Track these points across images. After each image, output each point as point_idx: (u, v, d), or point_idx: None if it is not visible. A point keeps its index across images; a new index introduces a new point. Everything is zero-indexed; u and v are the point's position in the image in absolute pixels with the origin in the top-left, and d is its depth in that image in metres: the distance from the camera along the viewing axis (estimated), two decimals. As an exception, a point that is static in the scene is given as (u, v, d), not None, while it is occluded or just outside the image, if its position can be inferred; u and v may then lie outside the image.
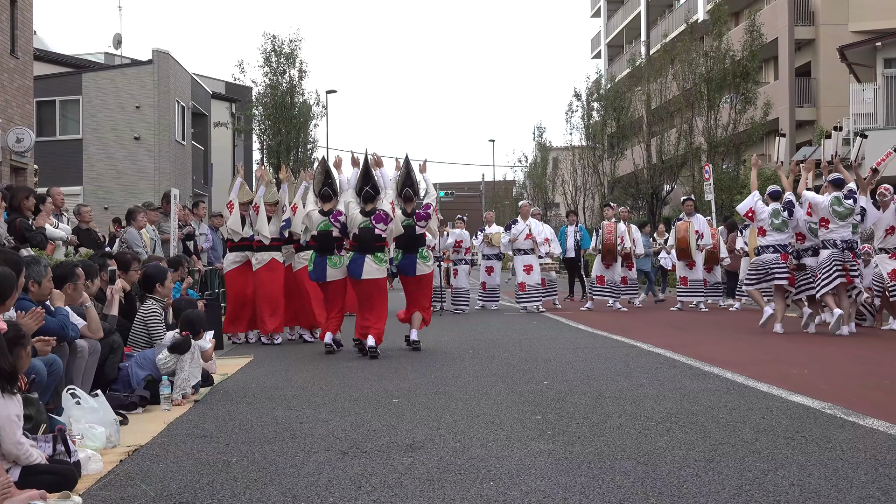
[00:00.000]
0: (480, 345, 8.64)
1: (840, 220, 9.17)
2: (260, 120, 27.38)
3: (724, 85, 22.62)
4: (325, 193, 8.41)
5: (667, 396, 5.23)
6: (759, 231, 9.88)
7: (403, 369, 6.84)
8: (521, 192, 49.54)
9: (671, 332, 9.92)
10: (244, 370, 7.02)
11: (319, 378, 6.42)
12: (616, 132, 30.41)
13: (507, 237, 13.50)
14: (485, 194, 53.00)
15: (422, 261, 8.38)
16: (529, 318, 12.14)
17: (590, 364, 6.90)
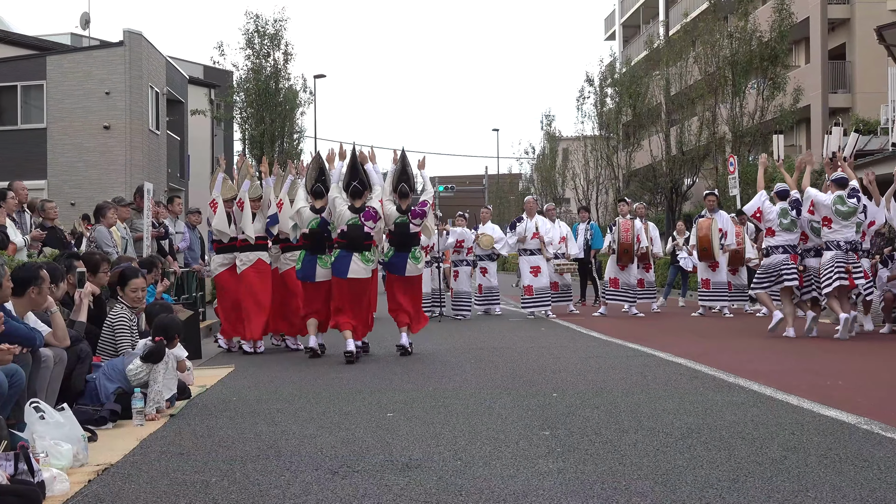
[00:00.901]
0: (483, 353, 8.65)
1: (843, 219, 9.50)
2: (241, 107, 27.38)
3: (750, 69, 22.63)
4: (318, 190, 8.60)
5: (687, 410, 5.23)
6: (767, 231, 10.22)
7: (399, 380, 6.85)
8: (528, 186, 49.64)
9: (692, 339, 9.93)
10: (224, 381, 7.02)
11: (307, 390, 6.42)
12: (632, 121, 30.44)
13: (514, 237, 13.44)
14: (488, 189, 53.07)
15: (413, 261, 8.58)
16: (537, 325, 12.15)
17: (603, 375, 6.90)
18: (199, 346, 9.03)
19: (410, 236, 8.64)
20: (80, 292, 5.89)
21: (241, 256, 9.23)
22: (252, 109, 26.97)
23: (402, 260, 8.59)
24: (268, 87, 26.74)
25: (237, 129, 29.14)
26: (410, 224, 8.65)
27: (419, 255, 8.70)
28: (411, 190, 8.81)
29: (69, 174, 22.50)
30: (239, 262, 9.23)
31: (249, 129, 27.13)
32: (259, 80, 26.63)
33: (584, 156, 35.88)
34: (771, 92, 22.42)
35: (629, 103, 29.83)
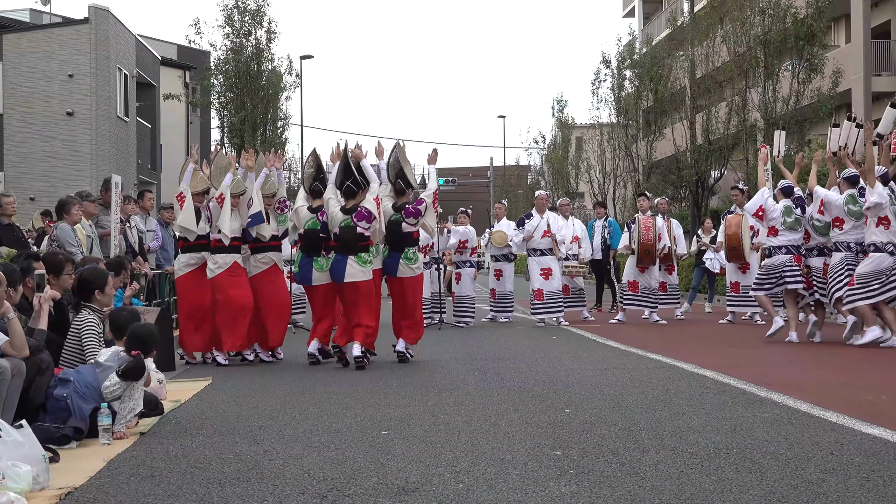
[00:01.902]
0: (488, 365, 8.66)
1: (855, 219, 9.80)
2: (220, 92, 27.39)
3: (784, 49, 22.62)
4: (316, 189, 8.90)
5: (714, 428, 5.24)
6: (769, 231, 10.52)
7: (394, 394, 6.85)
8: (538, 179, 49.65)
9: (720, 349, 9.93)
10: (201, 396, 7.03)
11: (292, 405, 6.43)
12: (653, 106, 30.44)
13: (520, 235, 13.44)
14: (493, 182, 53.12)
15: (405, 262, 8.83)
16: (547, 333, 12.16)
17: (621, 388, 6.91)
18: (173, 356, 9.03)
19: (403, 236, 8.84)
20: (39, 297, 5.88)
21: (215, 258, 9.13)
22: (231, 94, 26.98)
23: (395, 260, 8.85)
24: (249, 69, 26.75)
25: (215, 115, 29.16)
26: (403, 223, 8.83)
27: (413, 256, 8.88)
28: (408, 186, 8.99)
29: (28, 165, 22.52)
30: (212, 265, 9.12)
31: (229, 116, 27.15)
32: (239, 62, 26.65)
33: (600, 145, 35.87)
34: (807, 74, 22.41)
35: (650, 87, 29.83)
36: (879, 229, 9.69)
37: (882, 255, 9.60)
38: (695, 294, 16.25)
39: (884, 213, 9.65)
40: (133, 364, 5.48)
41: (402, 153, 9.22)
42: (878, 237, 9.66)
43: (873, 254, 9.62)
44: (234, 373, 8.58)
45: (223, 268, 9.12)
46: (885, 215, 9.65)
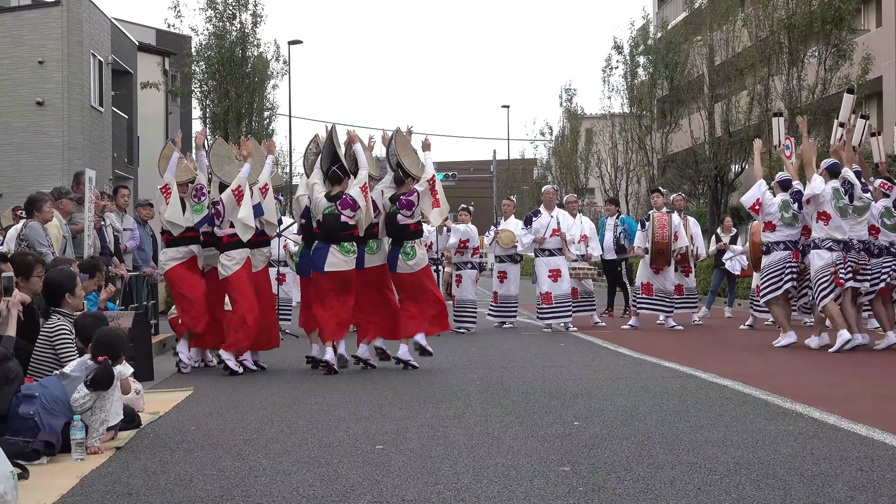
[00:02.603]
0: (491, 374, 8.66)
1: (858, 215, 10.33)
2: (202, 80, 27.38)
3: (810, 33, 22.63)
4: (334, 175, 9.07)
5: (735, 442, 5.24)
6: (766, 226, 10.92)
7: (389, 406, 6.86)
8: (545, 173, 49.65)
9: (742, 357, 9.94)
10: (181, 407, 7.03)
11: (280, 418, 6.43)
12: (668, 95, 30.45)
13: (529, 235, 13.40)
14: (496, 177, 53.14)
15: (402, 258, 9.08)
16: (555, 340, 12.16)
17: (634, 399, 6.91)
18: (151, 364, 9.04)
19: (400, 229, 9.11)
20: (7, 301, 5.88)
21: (230, 255, 9.09)
22: (214, 82, 26.95)
23: (395, 255, 9.15)
24: (233, 55, 26.72)
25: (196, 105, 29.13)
26: (398, 215, 9.10)
27: (411, 251, 9.09)
28: (406, 175, 9.22)
29: (-5, 159, 22.48)
30: (227, 261, 9.07)
31: (211, 106, 27.12)
32: (223, 47, 26.63)
33: (612, 137, 35.90)
34: (835, 61, 22.42)
35: (665, 75, 29.84)
36: (818, 225, 10.26)
37: (821, 252, 10.20)
38: (713, 297, 16.26)
39: (822, 209, 10.18)
40: (101, 371, 5.42)
41: (403, 139, 9.39)
42: (816, 233, 10.28)
43: (813, 251, 10.30)
44: (217, 383, 8.58)
45: (240, 263, 9.16)
46: (825, 210, 10.17)
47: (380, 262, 9.21)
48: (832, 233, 10.23)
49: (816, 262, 10.29)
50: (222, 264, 9.08)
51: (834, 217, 10.23)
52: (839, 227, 10.24)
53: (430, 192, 9.20)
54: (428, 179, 9.24)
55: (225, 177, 9.27)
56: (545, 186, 14.92)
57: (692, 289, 14.28)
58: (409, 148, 9.55)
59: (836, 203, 10.25)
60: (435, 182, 9.26)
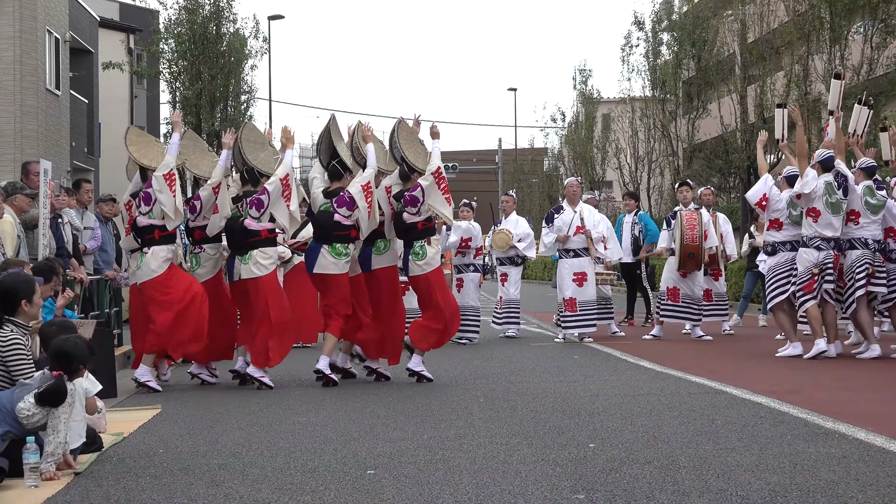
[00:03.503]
0: (496, 390, 8.67)
1: (873, 214, 10.65)
2: (171, 59, 27.41)
3: (854, 7, 22.65)
4: (334, 170, 9.35)
5: (770, 466, 5.24)
6: (771, 223, 11.24)
7: (382, 426, 6.86)
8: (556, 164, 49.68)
9: (778, 371, 9.93)
10: (148, 428, 7.03)
11: (259, 439, 6.43)
12: (696, 77, 30.49)
13: (551, 234, 13.33)
14: (502, 168, 53.20)
15: (413, 258, 9.30)
16: (567, 351, 12.16)
17: (657, 418, 6.91)
18: (114, 379, 9.04)
19: (407, 228, 9.33)
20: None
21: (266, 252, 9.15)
22: (185, 62, 26.99)
23: (406, 257, 9.41)
24: (206, 31, 26.77)
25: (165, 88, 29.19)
26: (404, 213, 9.32)
27: (421, 251, 9.31)
28: (411, 170, 9.41)
29: (-61, 149, 22.48)
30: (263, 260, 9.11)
31: (181, 89, 27.16)
32: (194, 23, 26.68)
33: (632, 124, 35.95)
34: (882, 38, 22.43)
35: (692, 54, 29.88)
36: (807, 222, 10.58)
37: (808, 251, 10.52)
38: (746, 304, 16.24)
39: (812, 205, 10.47)
40: (53, 386, 5.38)
41: (406, 130, 9.54)
42: (805, 230, 10.60)
43: (801, 249, 10.63)
44: (188, 400, 8.58)
45: (275, 263, 9.39)
46: (815, 206, 10.46)
47: (388, 263, 9.43)
48: (822, 230, 10.49)
49: (802, 262, 10.63)
50: (257, 262, 9.09)
51: (824, 213, 10.47)
52: (829, 224, 10.49)
53: (437, 186, 9.32)
54: (433, 172, 9.33)
55: (262, 165, 9.33)
56: (568, 179, 14.83)
57: (722, 294, 14.26)
58: (414, 139, 9.65)
59: (828, 199, 10.48)
60: (442, 174, 9.37)
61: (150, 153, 9.55)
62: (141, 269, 9.18)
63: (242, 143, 9.39)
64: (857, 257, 10.58)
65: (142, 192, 9.24)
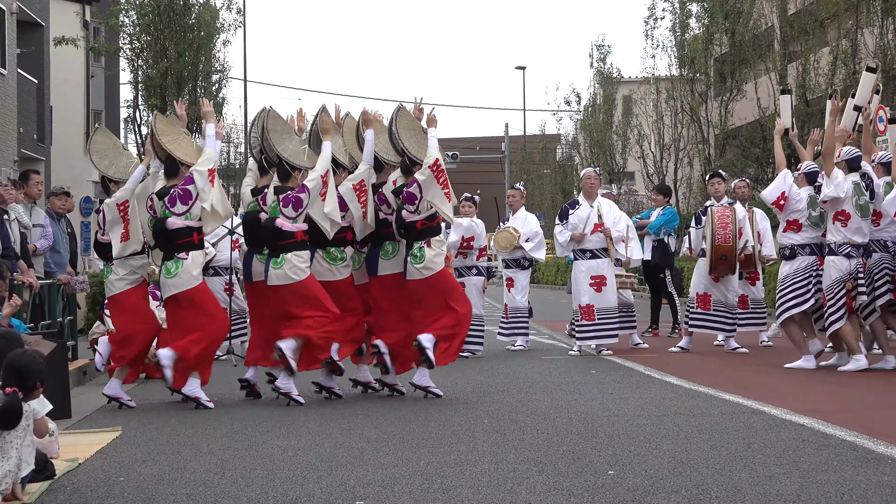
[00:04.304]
0: (502, 409, 8.68)
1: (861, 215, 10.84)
2: (132, 34, 27.40)
3: (910, -26, 22.64)
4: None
5: (813, 497, 5.25)
6: (788, 225, 11.34)
7: (373, 450, 6.86)
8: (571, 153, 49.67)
9: (821, 388, 9.95)
10: (106, 453, 7.03)
11: (233, 465, 6.43)
12: (729, 54, 30.48)
13: (565, 232, 13.30)
14: (509, 157, 53.22)
15: (411, 261, 9.43)
16: (584, 365, 12.16)
17: (685, 442, 6.92)
18: (68, 397, 9.03)
19: (406, 227, 9.45)
20: None
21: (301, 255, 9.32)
22: (148, 37, 26.99)
23: (404, 259, 9.56)
24: (172, 3, 26.75)
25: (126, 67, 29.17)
26: (403, 210, 9.45)
27: (420, 253, 9.43)
28: (413, 163, 9.54)
29: None
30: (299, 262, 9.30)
31: (145, 68, 27.15)
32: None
33: (657, 107, 35.95)
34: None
35: (724, 28, 29.88)
36: (836, 227, 10.76)
37: (837, 259, 10.70)
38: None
39: (841, 207, 10.68)
40: (7, 405, 5.39)
41: (406, 118, 9.66)
42: (833, 236, 10.78)
43: (828, 258, 10.78)
44: (151, 421, 8.58)
45: (310, 266, 9.42)
46: (843, 209, 10.68)
47: (398, 269, 9.58)
48: (852, 236, 10.68)
49: (832, 273, 10.76)
50: (294, 267, 9.22)
51: (853, 217, 10.66)
52: (859, 230, 10.70)
53: (435, 180, 9.41)
54: (430, 164, 9.42)
55: (293, 157, 9.44)
56: (585, 170, 14.72)
57: (760, 301, 14.26)
58: (415, 128, 9.72)
59: (857, 201, 10.65)
60: (440, 167, 9.45)
61: (183, 145, 9.57)
62: (179, 277, 9.17)
63: (270, 133, 9.48)
64: (876, 261, 10.89)
65: (176, 190, 9.25)
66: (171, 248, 9.22)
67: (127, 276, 9.49)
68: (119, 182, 9.61)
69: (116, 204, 9.41)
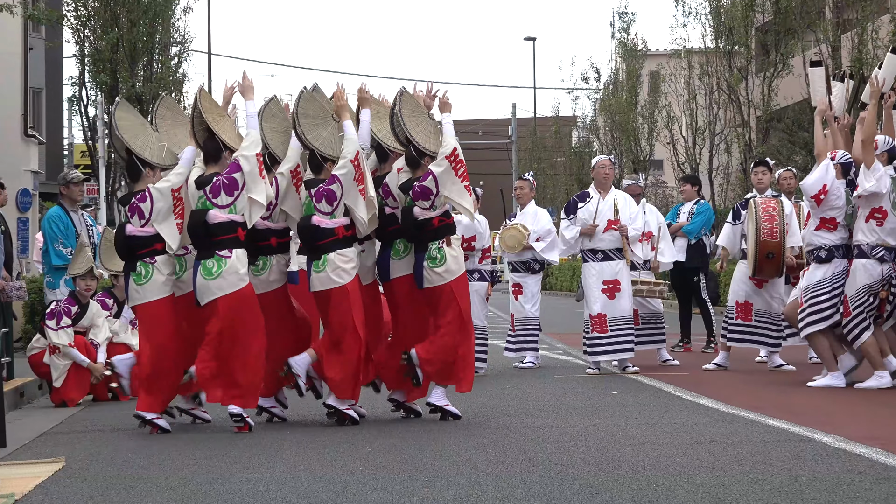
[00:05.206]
0: (509, 436, 8.70)
1: None
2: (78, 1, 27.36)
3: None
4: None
5: (872, 537, 5.25)
6: (822, 223, 11.42)
7: (358, 485, 6.86)
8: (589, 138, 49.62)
9: (879, 410, 9.95)
10: (48, 488, 7.02)
11: (195, 502, 6.42)
12: (773, 22, 30.49)
13: (573, 228, 13.29)
14: (517, 143, 53.22)
15: (430, 264, 9.48)
16: (603, 385, 12.17)
17: (722, 475, 6.92)
18: (2, 423, 9.02)
19: (420, 226, 9.53)
20: None
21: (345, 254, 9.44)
22: (97, 3, 26.97)
23: (419, 264, 9.58)
24: (123, -36, 26.72)
25: (70, 38, 29.16)
26: (415, 207, 9.51)
27: (438, 254, 9.51)
28: (420, 154, 9.60)
29: None
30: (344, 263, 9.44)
31: (93, 38, 27.13)
32: (108, -48, 26.63)
33: (689, 85, 35.88)
34: None
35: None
36: (869, 225, 10.94)
37: (869, 263, 10.94)
38: (840, 322, 16.25)
39: (879, 204, 10.87)
40: None
41: (411, 103, 9.70)
42: (866, 237, 10.98)
43: (858, 261, 10.99)
44: (99, 451, 8.56)
45: (357, 268, 9.53)
46: (881, 206, 10.89)
47: (410, 270, 9.69)
48: (886, 237, 10.87)
49: (860, 278, 10.95)
50: (337, 269, 9.34)
51: (890, 216, 10.86)
52: (894, 230, 10.90)
53: (454, 172, 9.47)
54: (447, 155, 9.47)
55: (326, 147, 9.54)
56: (597, 158, 14.70)
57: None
58: (421, 113, 9.74)
59: (894, 197, 10.86)
60: (458, 156, 9.51)
61: (227, 129, 9.61)
62: (224, 278, 9.19)
63: (300, 118, 9.56)
64: None
65: (221, 178, 9.31)
66: (211, 245, 9.25)
67: (171, 278, 9.53)
68: (157, 166, 9.64)
69: (172, 190, 9.40)
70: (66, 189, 12.97)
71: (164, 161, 9.66)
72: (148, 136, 9.79)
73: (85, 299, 11.55)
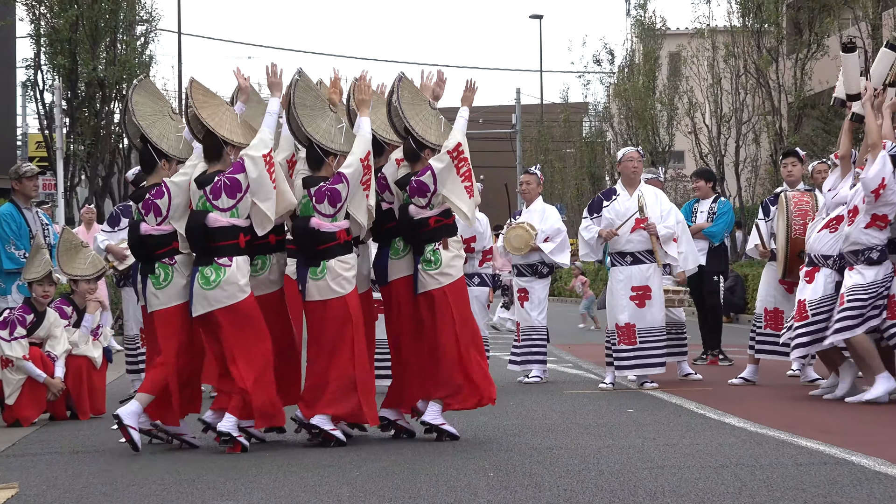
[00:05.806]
0: (513, 459, 8.71)
1: None
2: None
3: None
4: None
5: (916, 570, 5.26)
6: (874, 220, 11.48)
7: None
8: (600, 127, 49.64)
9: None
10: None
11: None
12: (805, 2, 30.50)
13: (593, 228, 13.26)
14: (521, 132, 53.27)
15: (424, 267, 9.56)
16: (618, 402, 12.18)
17: (750, 501, 6.94)
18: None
19: (415, 226, 9.59)
20: None
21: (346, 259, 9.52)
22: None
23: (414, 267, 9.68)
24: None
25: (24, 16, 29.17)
26: (411, 205, 9.57)
27: (434, 257, 9.58)
28: (421, 147, 9.65)
29: None
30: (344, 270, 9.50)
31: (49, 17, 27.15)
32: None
33: (712, 69, 35.89)
34: None
35: (801, -36, 29.91)
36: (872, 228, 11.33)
37: None
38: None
39: None
40: None
41: (410, 90, 9.74)
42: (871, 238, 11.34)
43: None
44: (58, 475, 8.56)
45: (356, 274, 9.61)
46: None
47: (411, 271, 9.76)
48: None
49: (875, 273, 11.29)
50: (338, 277, 9.37)
51: None
52: None
53: (455, 170, 9.48)
54: (450, 149, 9.48)
55: (327, 140, 9.53)
56: (624, 150, 14.51)
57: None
58: (420, 102, 9.75)
59: None
60: (463, 154, 9.50)
61: (226, 120, 9.61)
62: (222, 289, 9.22)
63: (298, 109, 9.55)
64: None
65: (222, 179, 9.32)
66: (209, 250, 9.28)
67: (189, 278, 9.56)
68: (174, 158, 9.65)
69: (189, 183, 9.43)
70: (19, 184, 12.85)
71: (181, 153, 9.64)
72: (167, 124, 9.78)
73: (41, 307, 11.53)
